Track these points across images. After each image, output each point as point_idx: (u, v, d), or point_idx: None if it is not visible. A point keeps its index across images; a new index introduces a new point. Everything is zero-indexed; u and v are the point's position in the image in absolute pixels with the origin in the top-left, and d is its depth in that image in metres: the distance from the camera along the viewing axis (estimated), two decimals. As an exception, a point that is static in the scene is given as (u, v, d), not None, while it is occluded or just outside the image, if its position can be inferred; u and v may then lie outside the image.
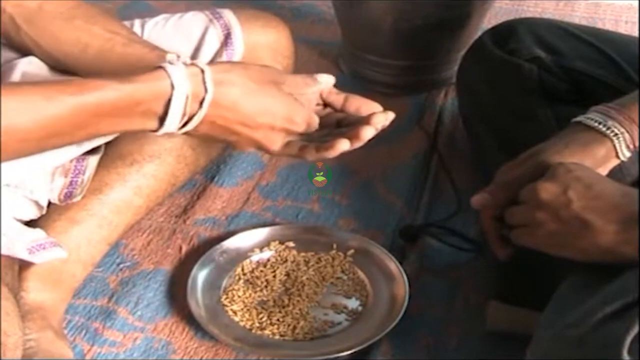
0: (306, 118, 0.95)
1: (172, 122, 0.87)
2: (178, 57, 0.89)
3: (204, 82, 0.87)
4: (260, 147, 0.96)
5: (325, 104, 1.02)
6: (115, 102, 0.84)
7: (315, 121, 0.97)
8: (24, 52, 1.09)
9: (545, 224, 0.91)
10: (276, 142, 0.95)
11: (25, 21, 1.06)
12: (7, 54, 1.09)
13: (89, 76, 1.05)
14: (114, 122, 0.86)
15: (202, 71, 0.87)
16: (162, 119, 0.87)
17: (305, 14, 1.89)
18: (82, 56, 1.06)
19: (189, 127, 0.89)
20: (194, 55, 1.20)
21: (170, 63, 0.87)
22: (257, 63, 1.09)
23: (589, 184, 0.89)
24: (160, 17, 1.23)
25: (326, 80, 0.99)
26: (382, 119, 0.97)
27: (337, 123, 1.01)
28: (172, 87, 0.85)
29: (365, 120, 0.97)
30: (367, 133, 0.95)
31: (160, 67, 0.86)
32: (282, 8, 1.78)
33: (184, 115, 0.87)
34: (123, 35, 1.07)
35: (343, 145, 0.94)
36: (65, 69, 1.09)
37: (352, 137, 0.94)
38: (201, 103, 0.87)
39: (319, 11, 1.90)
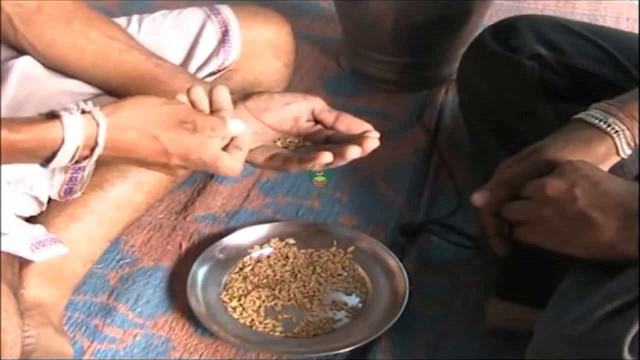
0: (204, 155, 0.91)
1: (59, 165, 0.87)
2: (77, 105, 0.86)
3: (97, 135, 0.86)
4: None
5: (317, 121, 1.02)
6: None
7: (226, 165, 0.92)
8: (22, 51, 1.09)
9: (550, 220, 0.91)
10: (176, 175, 0.96)
11: (23, 23, 1.05)
12: (6, 52, 1.09)
13: (84, 81, 1.05)
14: None
15: (98, 124, 0.85)
16: (48, 160, 0.86)
17: (306, 10, 1.89)
18: (78, 61, 1.06)
19: (80, 165, 0.89)
20: (190, 53, 1.20)
21: (69, 112, 0.85)
22: (245, 63, 1.08)
23: (596, 181, 0.89)
24: (159, 14, 1.23)
25: (234, 130, 0.93)
26: (374, 143, 0.96)
27: (325, 140, 1.01)
28: (62, 141, 0.84)
29: (354, 140, 0.96)
30: (353, 153, 0.94)
31: (57, 117, 0.84)
32: (283, 4, 1.78)
33: (72, 159, 0.86)
34: (120, 41, 1.07)
35: (325, 158, 0.93)
36: (61, 72, 1.09)
37: (336, 155, 0.94)
38: (92, 151, 0.86)
39: (320, 8, 1.90)
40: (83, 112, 0.85)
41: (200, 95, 0.94)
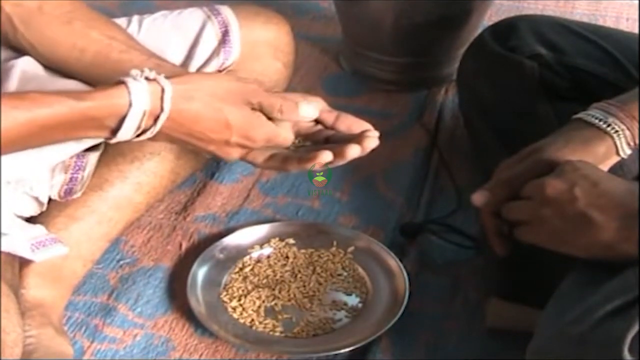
0: (266, 135, 0.95)
1: (125, 135, 0.89)
2: (142, 71, 0.89)
3: (162, 101, 0.88)
4: (216, 157, 0.98)
5: (317, 121, 1.02)
6: (67, 118, 0.86)
7: (280, 137, 0.97)
8: (22, 51, 1.09)
9: (549, 220, 0.91)
10: (232, 155, 0.97)
11: (23, 22, 1.05)
12: (6, 52, 1.09)
13: (84, 81, 1.06)
14: (68, 133, 0.88)
15: (163, 89, 0.88)
16: (115, 131, 0.89)
17: (306, 10, 1.89)
18: (78, 61, 1.07)
19: (142, 138, 0.91)
20: (190, 53, 1.20)
21: (134, 78, 0.88)
22: (236, 75, 1.10)
23: (596, 181, 0.89)
24: (159, 14, 1.23)
25: (307, 114, 0.98)
26: (374, 142, 0.97)
27: (325, 140, 1.01)
28: (130, 104, 0.87)
29: (354, 139, 0.97)
30: (352, 152, 0.95)
31: (122, 83, 0.87)
32: (283, 4, 1.78)
33: (138, 128, 0.89)
34: (120, 41, 1.07)
35: (325, 157, 0.94)
36: (62, 72, 1.09)
37: (336, 154, 0.95)
38: (156, 120, 0.89)
39: (320, 8, 1.90)
40: (147, 79, 0.88)
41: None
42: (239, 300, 1.13)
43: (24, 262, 1.05)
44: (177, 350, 1.08)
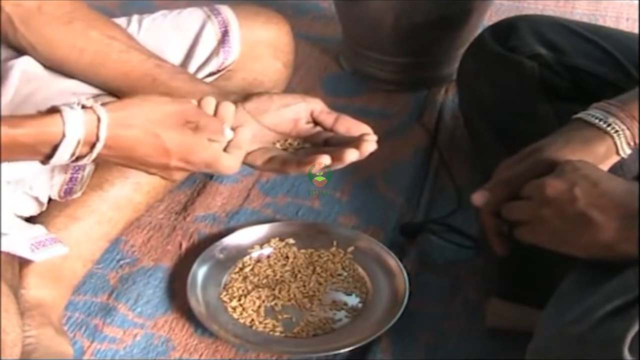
0: (206, 160, 0.93)
1: (59, 161, 0.87)
2: (79, 100, 0.87)
3: (98, 130, 0.86)
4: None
5: (316, 123, 1.02)
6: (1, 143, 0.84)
7: (222, 164, 0.94)
8: (22, 51, 1.09)
9: (549, 220, 0.91)
10: (174, 177, 0.96)
11: (23, 23, 1.05)
12: (6, 52, 1.09)
13: (84, 81, 1.05)
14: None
15: (99, 118, 0.86)
16: (49, 157, 0.87)
17: (306, 10, 1.89)
18: (78, 61, 1.06)
19: (79, 163, 0.89)
20: (190, 53, 1.20)
21: (70, 107, 0.85)
22: (243, 64, 1.09)
23: (596, 181, 0.89)
24: (159, 14, 1.23)
25: (229, 136, 0.96)
26: (372, 146, 0.97)
27: (324, 142, 1.01)
28: (63, 135, 0.85)
29: (352, 143, 0.96)
30: (351, 156, 0.95)
31: (57, 111, 0.85)
32: (283, 4, 1.78)
33: (72, 156, 0.87)
34: (121, 41, 1.07)
35: (324, 161, 0.94)
36: (61, 72, 1.09)
37: (334, 158, 0.94)
38: (92, 148, 0.87)
39: (320, 8, 1.90)
40: (84, 107, 0.86)
41: (209, 107, 0.96)
42: (239, 300, 1.12)
43: (24, 262, 1.05)
44: (177, 350, 1.08)
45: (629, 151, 0.97)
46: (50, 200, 1.10)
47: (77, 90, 1.09)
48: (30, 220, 1.08)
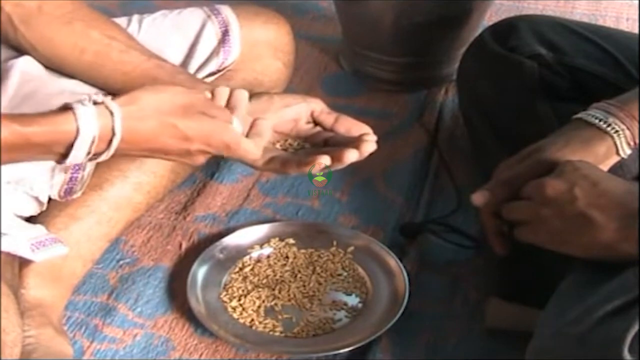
0: (227, 141, 0.92)
1: (76, 160, 0.86)
2: (90, 96, 0.86)
3: (113, 125, 0.85)
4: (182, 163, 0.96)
5: (316, 123, 1.02)
6: (13, 143, 0.83)
7: (241, 147, 0.94)
8: (22, 51, 1.09)
9: (549, 220, 0.91)
10: (197, 161, 0.95)
11: (23, 23, 1.05)
12: (6, 52, 1.09)
13: (84, 81, 1.05)
14: (12, 157, 0.85)
15: (112, 113, 0.85)
16: (64, 156, 0.86)
17: (306, 10, 1.89)
18: (78, 61, 1.06)
19: (97, 160, 0.88)
20: (190, 52, 1.20)
21: (82, 103, 0.85)
22: (243, 63, 1.09)
23: (595, 181, 0.90)
24: (159, 14, 1.23)
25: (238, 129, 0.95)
26: (371, 147, 0.97)
27: (324, 142, 1.01)
28: (77, 131, 0.84)
29: (352, 144, 0.96)
30: (351, 156, 0.95)
31: (69, 108, 0.84)
32: (283, 4, 1.78)
33: (89, 153, 0.86)
34: (121, 42, 1.07)
35: (324, 161, 0.94)
36: (62, 72, 1.09)
37: (334, 158, 0.94)
38: (109, 143, 0.86)
39: (320, 7, 1.90)
40: (95, 103, 0.85)
41: (222, 96, 0.96)
42: (239, 300, 1.13)
43: (23, 262, 1.05)
44: (177, 350, 1.08)
45: (629, 151, 0.97)
46: (50, 200, 1.10)
47: (77, 90, 1.09)
48: (30, 220, 1.08)
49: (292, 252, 1.21)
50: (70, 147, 0.84)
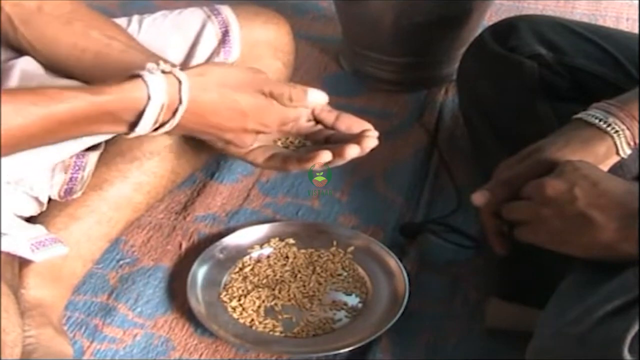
0: (279, 119, 0.97)
1: (143, 129, 0.89)
2: (158, 64, 0.89)
3: (180, 93, 0.88)
4: (232, 145, 0.98)
5: (317, 121, 1.03)
6: (85, 113, 0.85)
7: (291, 117, 0.98)
8: (22, 51, 1.09)
9: (549, 220, 0.91)
10: (247, 143, 0.98)
11: (23, 23, 1.05)
12: (6, 52, 1.09)
13: (84, 81, 1.06)
14: (84, 129, 0.88)
15: (180, 81, 0.88)
16: (133, 125, 0.88)
17: (306, 10, 1.89)
18: (79, 61, 1.06)
19: (160, 132, 0.91)
20: (190, 53, 1.20)
21: (150, 72, 0.88)
22: (244, 65, 1.10)
23: (595, 181, 0.90)
24: (159, 14, 1.23)
25: (315, 100, 0.98)
26: (373, 142, 0.97)
27: (325, 139, 1.02)
28: (149, 98, 0.86)
29: (354, 139, 0.97)
30: (352, 152, 0.96)
31: (138, 76, 0.87)
32: (283, 4, 1.78)
33: (156, 122, 0.89)
34: (121, 41, 1.07)
35: (325, 157, 0.95)
36: (61, 72, 1.09)
37: (336, 154, 0.95)
38: (174, 112, 0.89)
39: (320, 7, 1.90)
40: (163, 72, 0.88)
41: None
42: (239, 300, 1.13)
43: (23, 262, 1.05)
44: (177, 350, 1.08)
45: (629, 151, 0.97)
46: (50, 200, 1.10)
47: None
48: (30, 220, 1.08)
49: (292, 252, 1.21)
50: (140, 115, 0.87)
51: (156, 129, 0.90)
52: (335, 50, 1.73)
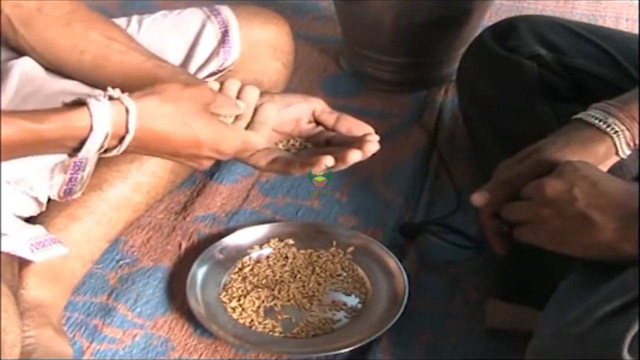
0: (237, 147, 0.94)
1: (87, 154, 0.86)
2: (105, 91, 0.86)
3: (127, 122, 0.85)
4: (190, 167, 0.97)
5: (318, 122, 1.02)
6: (22, 139, 0.82)
7: (250, 143, 0.95)
8: (22, 52, 1.09)
9: (549, 221, 0.91)
10: (205, 166, 0.96)
11: (23, 24, 1.05)
12: (6, 53, 1.09)
13: (85, 82, 1.05)
14: (24, 153, 0.85)
15: (127, 110, 0.85)
16: (76, 150, 0.85)
17: (306, 10, 1.89)
18: (78, 63, 1.06)
19: (107, 155, 0.88)
20: (190, 53, 1.20)
21: (96, 99, 0.84)
22: (243, 65, 1.10)
23: (595, 182, 0.90)
24: (159, 14, 1.23)
25: (243, 105, 0.98)
26: (374, 147, 0.97)
27: (326, 142, 1.02)
28: (91, 128, 0.83)
29: (355, 144, 0.97)
30: (354, 157, 0.95)
31: (83, 104, 0.83)
32: (283, 5, 1.78)
33: (101, 148, 0.85)
34: (121, 42, 1.06)
35: (327, 162, 0.94)
36: (61, 73, 1.09)
37: (338, 158, 0.95)
38: (121, 140, 0.86)
39: (320, 8, 1.90)
40: (110, 98, 0.85)
41: (232, 89, 0.98)
42: (239, 300, 1.13)
43: (23, 262, 1.05)
44: (177, 351, 1.08)
45: (628, 152, 0.97)
46: (50, 200, 1.10)
47: (77, 91, 1.09)
48: (30, 220, 1.08)
49: (291, 253, 1.21)
50: (83, 142, 0.84)
51: (103, 153, 0.87)
52: (335, 51, 1.73)
